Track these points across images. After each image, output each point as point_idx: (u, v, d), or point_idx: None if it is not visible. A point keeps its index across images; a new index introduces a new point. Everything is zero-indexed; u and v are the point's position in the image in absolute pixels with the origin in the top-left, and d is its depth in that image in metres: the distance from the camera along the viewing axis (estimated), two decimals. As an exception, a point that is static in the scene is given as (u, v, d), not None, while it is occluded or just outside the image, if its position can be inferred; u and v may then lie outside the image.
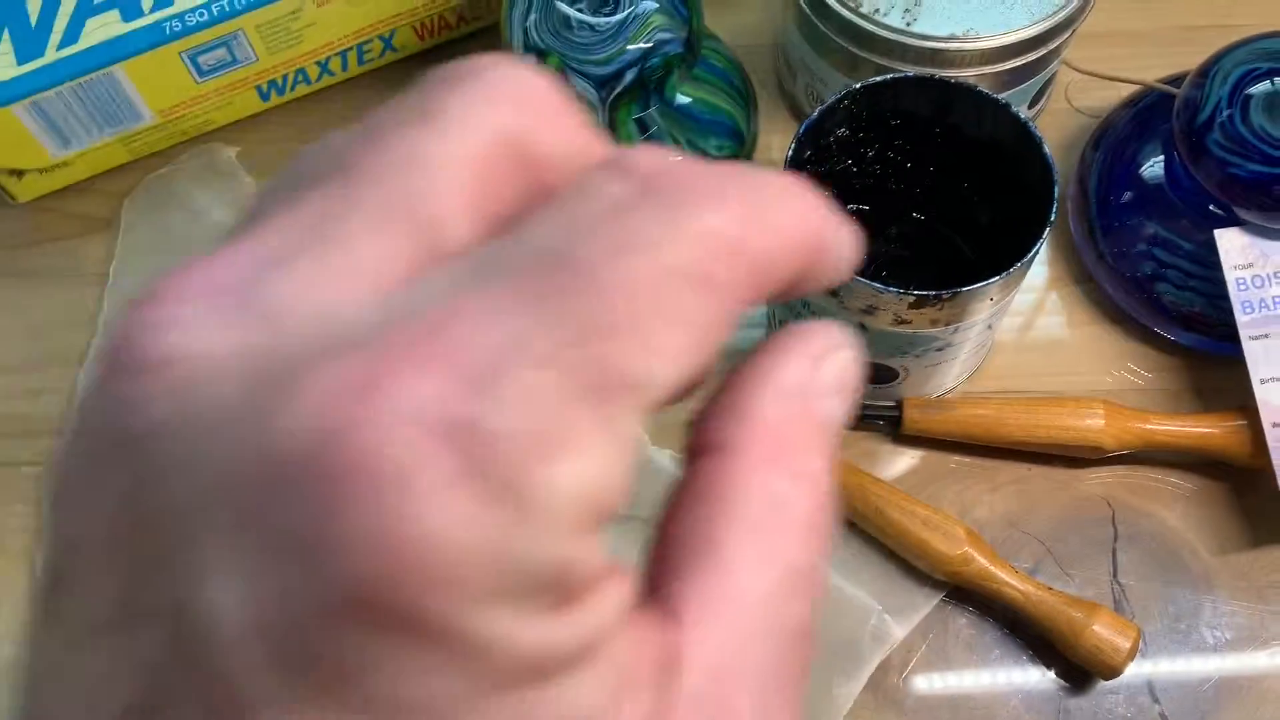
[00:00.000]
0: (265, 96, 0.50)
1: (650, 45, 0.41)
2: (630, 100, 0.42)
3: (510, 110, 0.14)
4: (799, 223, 0.14)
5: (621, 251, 0.12)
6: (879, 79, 0.39)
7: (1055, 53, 0.45)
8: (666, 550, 0.15)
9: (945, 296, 0.35)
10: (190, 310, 0.12)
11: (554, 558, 0.12)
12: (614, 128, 0.44)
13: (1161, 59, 0.48)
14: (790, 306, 0.41)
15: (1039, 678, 0.39)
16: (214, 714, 0.11)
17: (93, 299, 0.48)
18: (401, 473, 0.11)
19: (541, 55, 0.41)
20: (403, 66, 0.53)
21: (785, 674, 0.14)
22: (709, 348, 0.13)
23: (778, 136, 0.49)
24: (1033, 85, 0.46)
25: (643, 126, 0.44)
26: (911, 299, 0.35)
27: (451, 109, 0.14)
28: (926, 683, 0.39)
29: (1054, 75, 0.47)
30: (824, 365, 0.16)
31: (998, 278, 0.35)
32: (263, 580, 0.11)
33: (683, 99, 0.45)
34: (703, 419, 0.15)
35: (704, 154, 0.45)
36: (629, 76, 0.41)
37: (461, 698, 0.11)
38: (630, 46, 0.41)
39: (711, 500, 0.14)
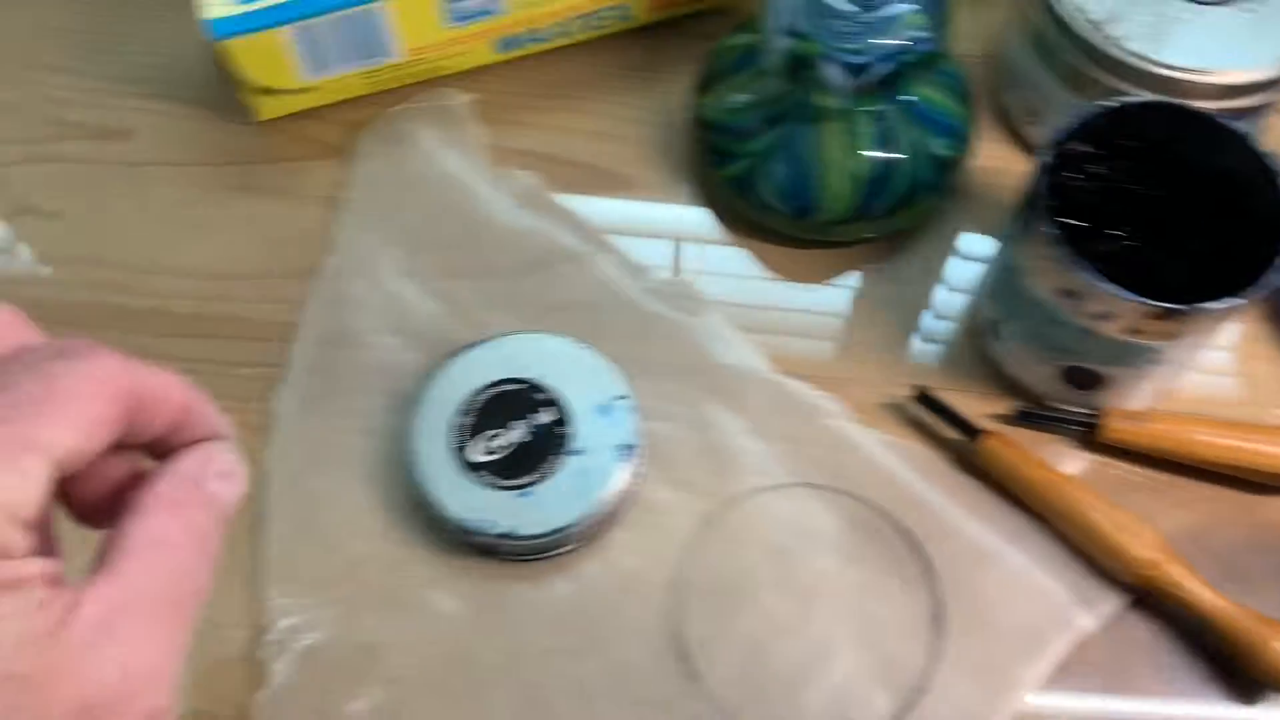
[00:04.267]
0: (500, 49, 0.53)
1: (904, 42, 0.43)
2: (872, 92, 0.44)
3: None
4: (140, 378, 0.25)
5: (39, 376, 0.23)
6: (1137, 100, 0.41)
7: (1284, 95, 0.46)
8: (100, 556, 0.24)
9: (1190, 312, 0.37)
10: None
11: None
12: (850, 116, 0.46)
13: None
14: (1009, 305, 0.43)
15: (1215, 691, 0.41)
16: None
17: (316, 219, 0.51)
18: None
19: (800, 39, 0.43)
20: (631, 36, 0.55)
21: (162, 604, 0.24)
22: (102, 429, 0.24)
23: (985, 144, 0.51)
24: (1253, 120, 0.47)
25: (874, 117, 0.46)
26: (1157, 310, 0.37)
27: None
28: (1101, 682, 0.41)
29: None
30: (212, 461, 0.27)
31: (1241, 299, 0.37)
32: None
33: (914, 97, 0.47)
34: (139, 488, 0.26)
35: (930, 152, 0.47)
36: (880, 69, 0.43)
37: None
38: (885, 41, 0.43)
39: (122, 531, 0.25)
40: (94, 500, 0.26)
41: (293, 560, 0.43)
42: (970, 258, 0.50)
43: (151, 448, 0.27)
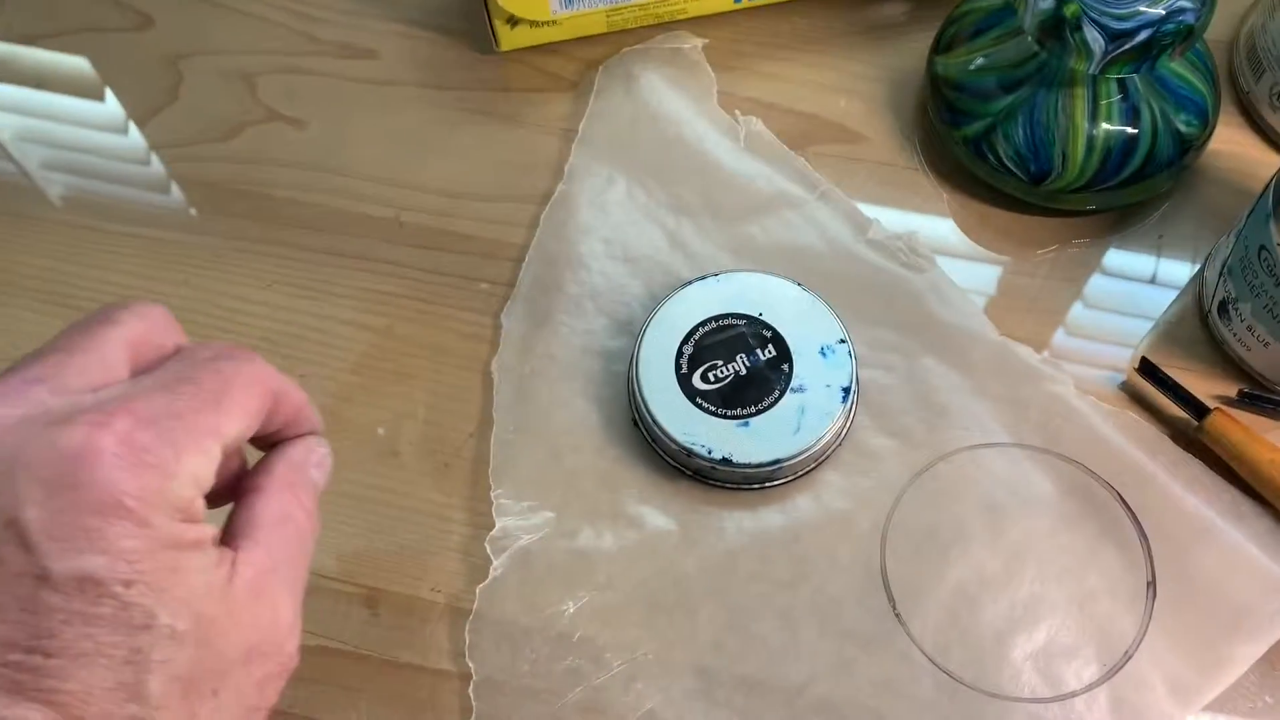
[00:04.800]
0: (738, -2, 0.54)
1: (1166, 12, 0.43)
2: (1125, 60, 0.44)
3: (144, 321, 0.30)
4: (278, 379, 0.31)
5: (215, 373, 0.29)
6: None
7: None
8: (232, 524, 0.30)
9: None
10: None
11: (182, 496, 0.27)
12: (1098, 83, 0.46)
13: None
14: (1249, 284, 0.42)
15: None
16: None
17: (551, 149, 0.52)
18: (111, 458, 0.25)
19: (1061, 1, 0.43)
20: (865, -7, 0.56)
21: (292, 569, 0.30)
22: (255, 420, 0.30)
23: (1221, 129, 0.50)
24: None
25: (1121, 86, 0.46)
26: None
27: (118, 318, 0.29)
28: (1313, 668, 0.40)
29: None
30: (314, 452, 0.33)
31: None
32: (55, 499, 0.25)
33: (1163, 70, 0.46)
34: (253, 472, 0.31)
35: (1173, 128, 0.46)
36: (1141, 36, 0.43)
37: (146, 549, 0.25)
38: (1149, 9, 0.43)
39: (252, 506, 0.30)
40: (218, 479, 0.31)
41: (514, 465, 0.45)
42: (1196, 237, 0.49)
43: (262, 438, 0.32)
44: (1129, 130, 0.46)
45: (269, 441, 0.32)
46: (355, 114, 0.54)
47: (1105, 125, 0.46)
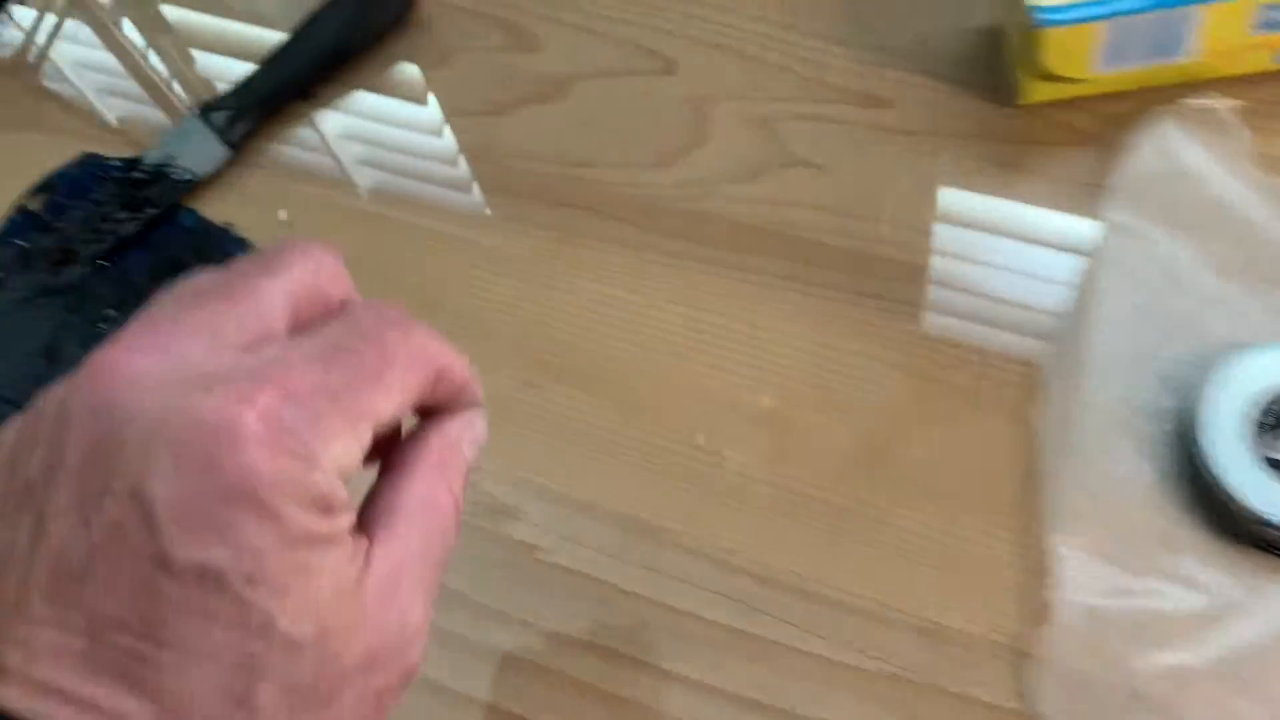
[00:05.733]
0: (1278, 59, 0.53)
1: None
2: None
3: (312, 270, 0.27)
4: (445, 352, 0.28)
5: (378, 344, 0.26)
6: None
7: None
8: (371, 506, 0.27)
9: None
10: (148, 356, 0.24)
11: (322, 487, 0.24)
12: None
13: None
14: None
15: None
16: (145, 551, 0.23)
17: (1072, 203, 0.53)
18: (253, 440, 0.23)
19: None
20: None
21: (428, 564, 0.27)
22: (415, 399, 0.27)
23: None
24: None
25: None
26: None
27: (289, 262, 0.27)
28: None
29: None
30: (472, 427, 0.30)
31: None
32: (187, 477, 0.23)
33: None
34: (401, 446, 0.29)
35: None
36: None
37: (274, 546, 0.23)
38: None
39: (397, 488, 0.28)
40: None
41: (1068, 516, 0.46)
42: None
43: (421, 408, 0.29)
44: None
45: (423, 412, 0.29)
46: (872, 160, 0.57)
47: None
